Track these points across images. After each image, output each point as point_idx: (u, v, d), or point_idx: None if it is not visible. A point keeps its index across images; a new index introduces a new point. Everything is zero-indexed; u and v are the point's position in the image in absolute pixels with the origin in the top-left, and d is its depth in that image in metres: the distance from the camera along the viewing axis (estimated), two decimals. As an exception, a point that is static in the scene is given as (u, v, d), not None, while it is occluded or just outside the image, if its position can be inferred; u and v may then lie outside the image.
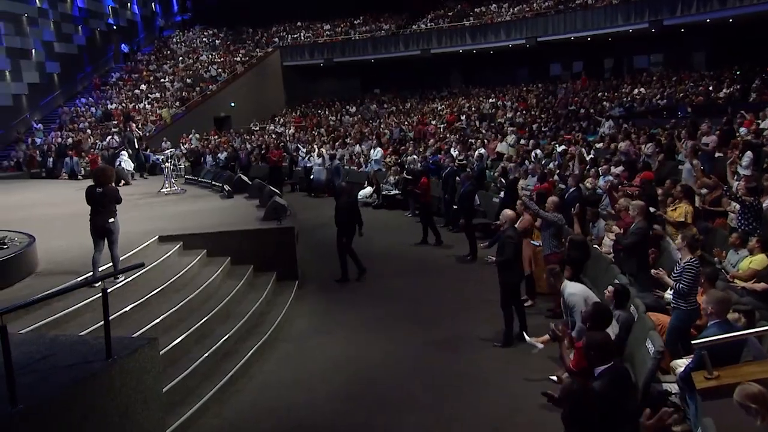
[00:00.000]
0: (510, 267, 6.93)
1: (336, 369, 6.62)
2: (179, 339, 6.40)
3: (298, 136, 24.93)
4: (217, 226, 9.60)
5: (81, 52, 31.41)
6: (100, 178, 7.06)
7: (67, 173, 21.00)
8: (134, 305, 6.70)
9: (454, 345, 7.16)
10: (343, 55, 33.14)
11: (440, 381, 6.27)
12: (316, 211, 15.97)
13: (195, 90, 29.06)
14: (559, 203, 7.81)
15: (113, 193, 7.08)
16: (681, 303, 5.28)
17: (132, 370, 4.58)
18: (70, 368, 4.30)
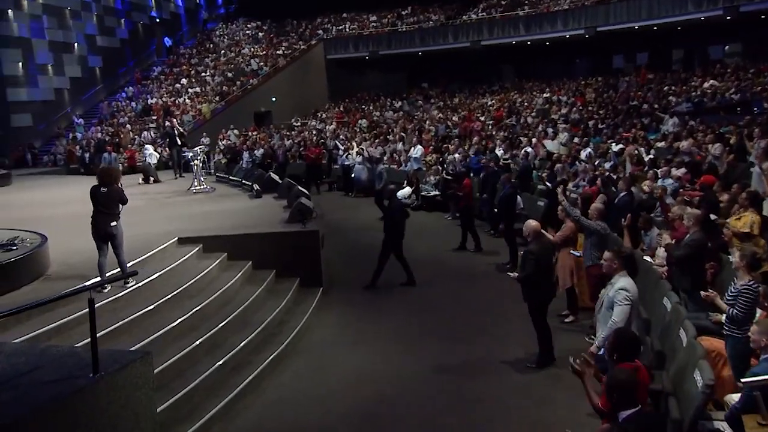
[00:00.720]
0: (533, 285, 6.54)
1: (353, 386, 6.39)
2: (188, 349, 6.29)
3: (338, 132, 24.85)
4: (239, 228, 9.53)
5: (123, 46, 32.30)
6: (105, 178, 7.03)
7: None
8: (143, 312, 6.65)
9: (484, 364, 6.82)
10: (388, 47, 32.96)
11: (464, 404, 5.95)
12: (352, 211, 15.85)
13: (235, 84, 29.41)
14: (603, 210, 7.35)
15: (118, 193, 7.04)
16: (735, 330, 4.81)
17: (121, 387, 4.46)
18: (54, 384, 4.21)
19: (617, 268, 5.07)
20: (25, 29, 25.84)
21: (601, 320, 5.10)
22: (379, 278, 9.51)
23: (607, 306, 5.01)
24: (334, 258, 11.44)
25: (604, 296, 5.15)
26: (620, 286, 4.93)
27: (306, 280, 9.17)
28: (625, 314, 4.82)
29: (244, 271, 8.72)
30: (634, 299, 4.91)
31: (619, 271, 5.07)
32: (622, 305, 4.83)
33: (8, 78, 24.81)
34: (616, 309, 4.86)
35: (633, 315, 4.93)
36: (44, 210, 11.79)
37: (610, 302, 4.96)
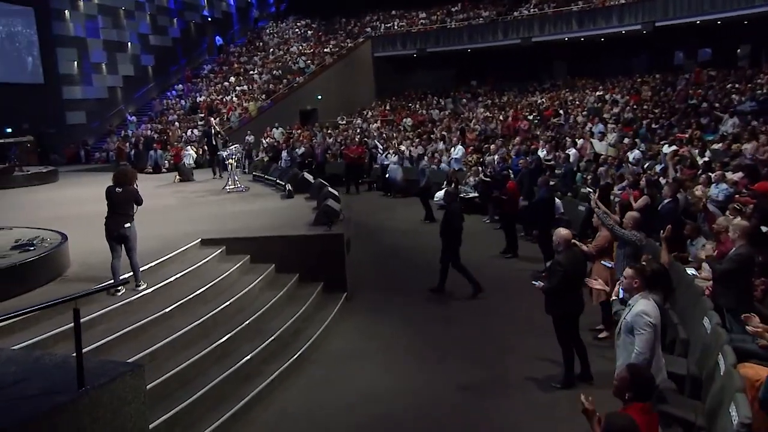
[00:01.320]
0: (559, 297, 6.07)
1: (362, 404, 6.07)
2: (195, 357, 6.12)
3: (382, 130, 24.59)
4: (264, 230, 9.35)
5: (175, 45, 32.91)
6: (120, 178, 6.93)
7: (151, 166, 21.88)
8: (155, 317, 6.51)
9: (507, 382, 6.42)
10: (437, 44, 32.48)
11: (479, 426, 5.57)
12: (388, 212, 15.55)
13: (282, 82, 29.53)
14: (639, 219, 6.78)
15: (133, 194, 6.93)
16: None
17: (107, 402, 4.27)
18: (36, 398, 4.05)
19: (638, 287, 4.56)
20: (81, 29, 26.60)
21: (620, 346, 4.62)
22: (445, 282, 9.21)
23: (625, 331, 4.52)
24: (365, 261, 11.17)
25: (621, 319, 4.66)
26: (640, 309, 4.43)
27: (330, 285, 8.92)
28: (649, 343, 4.33)
29: (266, 274, 8.53)
30: (656, 324, 4.41)
31: (641, 291, 4.56)
32: (644, 333, 4.34)
33: (64, 76, 25.58)
34: (638, 338, 4.36)
35: (656, 343, 4.43)
36: (78, 207, 11.94)
37: (629, 327, 4.47)
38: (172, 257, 8.08)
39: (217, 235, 9.10)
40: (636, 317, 4.40)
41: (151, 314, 6.52)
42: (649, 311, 4.39)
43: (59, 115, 25.02)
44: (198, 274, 7.93)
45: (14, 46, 23.60)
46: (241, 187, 13.35)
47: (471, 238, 12.54)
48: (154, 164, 21.71)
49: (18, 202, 13.17)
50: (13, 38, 23.57)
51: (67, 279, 7.02)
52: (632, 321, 4.42)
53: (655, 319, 4.38)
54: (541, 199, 9.86)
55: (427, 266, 10.64)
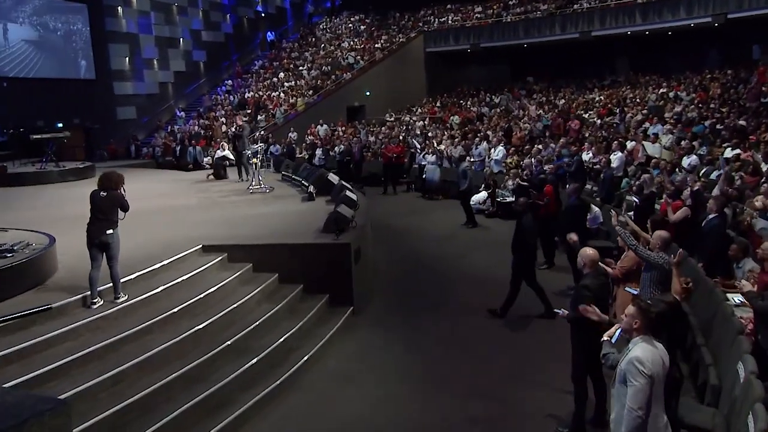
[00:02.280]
0: (585, 328, 5.24)
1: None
2: (164, 381, 5.65)
3: (428, 129, 23.82)
4: (270, 237, 8.85)
5: (227, 40, 33.07)
6: (105, 182, 6.55)
7: (191, 162, 21.88)
8: (130, 333, 6.10)
9: (507, 422, 5.68)
10: (491, 39, 31.41)
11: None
12: (422, 216, 14.86)
13: (330, 78, 29.17)
14: (668, 239, 5.87)
15: (118, 199, 6.53)
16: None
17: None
18: None
19: (638, 328, 3.77)
20: (133, 25, 26.98)
21: (614, 396, 3.84)
22: (511, 307, 8.29)
23: (619, 380, 3.74)
24: (385, 269, 10.59)
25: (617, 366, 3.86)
26: (634, 356, 3.63)
27: (335, 298, 8.37)
28: (643, 397, 3.54)
29: (267, 285, 8.04)
30: (654, 375, 3.60)
31: (640, 334, 3.76)
32: (636, 384, 3.55)
33: (115, 72, 26.01)
34: (630, 390, 3.59)
35: (653, 398, 3.62)
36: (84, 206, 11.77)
37: (623, 376, 3.69)
38: (167, 264, 7.70)
39: (223, 241, 8.68)
40: (629, 365, 3.62)
41: (126, 330, 6.12)
42: (646, 359, 3.60)
43: (110, 110, 25.44)
44: (192, 283, 7.51)
45: (67, 42, 24.12)
46: (265, 187, 12.95)
47: (502, 247, 11.77)
48: (194, 160, 21.67)
49: (38, 198, 13.14)
50: (66, 35, 24.09)
51: (47, 288, 6.69)
52: (625, 369, 3.65)
53: (652, 369, 3.59)
54: (569, 208, 8.96)
55: (455, 278, 10.02)
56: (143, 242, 8.58)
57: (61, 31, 23.92)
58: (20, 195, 13.63)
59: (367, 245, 9.72)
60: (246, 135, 14.38)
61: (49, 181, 15.24)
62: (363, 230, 9.28)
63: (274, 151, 21.25)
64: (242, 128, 14.35)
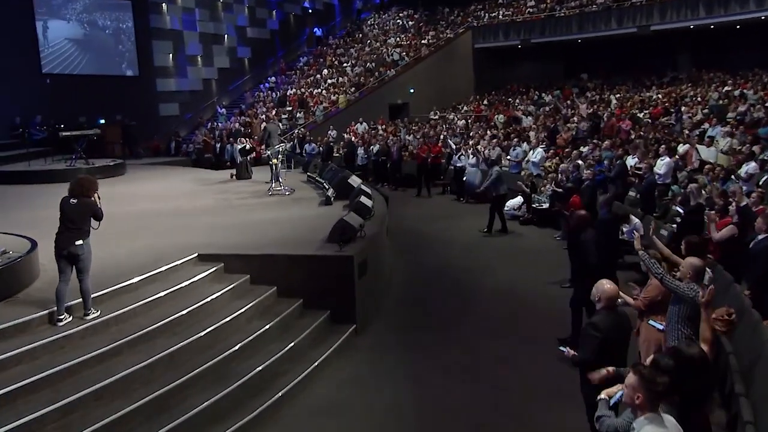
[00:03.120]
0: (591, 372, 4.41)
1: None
2: (120, 413, 5.11)
3: (472, 127, 22.90)
4: (271, 246, 8.27)
5: (273, 37, 32.91)
6: (76, 188, 6.09)
7: (228, 160, 21.66)
8: (95, 354, 5.60)
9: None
10: (542, 34, 30.15)
11: None
12: (453, 221, 14.07)
13: (374, 75, 28.58)
14: (701, 267, 4.94)
15: (90, 207, 6.06)
16: None
17: None
18: None
19: (641, 405, 2.96)
20: (177, 22, 27.06)
21: None
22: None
23: None
24: (401, 280, 9.90)
25: None
26: None
27: (337, 315, 7.73)
28: None
29: (263, 299, 7.47)
30: None
31: (645, 412, 2.95)
32: None
33: (158, 69, 26.12)
34: None
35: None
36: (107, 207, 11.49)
37: None
38: (155, 275, 7.21)
39: (223, 249, 8.16)
40: None
41: (91, 351, 5.63)
42: None
43: (152, 107, 25.58)
44: (179, 297, 7.01)
45: (111, 39, 24.36)
46: (286, 189, 12.42)
47: (534, 259, 10.92)
48: (230, 158, 21.40)
49: (52, 196, 12.92)
50: (110, 32, 24.33)
51: (17, 301, 6.27)
52: None
53: None
54: (599, 223, 8.02)
55: (477, 292, 9.25)
56: (138, 249, 8.18)
57: (106, 28, 24.17)
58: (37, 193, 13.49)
59: (380, 256, 9.05)
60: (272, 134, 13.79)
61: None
62: (373, 240, 8.59)
63: (309, 149, 20.82)
64: (265, 128, 13.72)
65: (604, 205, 8.20)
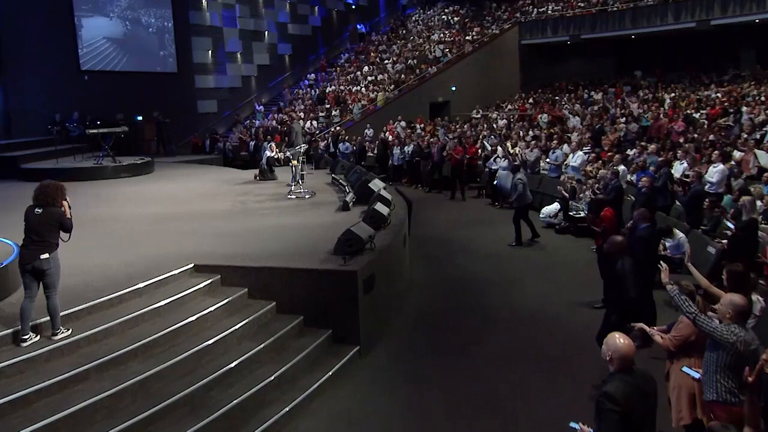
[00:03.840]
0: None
1: None
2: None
3: (514, 127, 21.90)
4: (274, 257, 7.68)
5: (315, 33, 32.50)
6: (40, 196, 5.62)
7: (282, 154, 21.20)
8: (57, 380, 5.10)
9: None
10: (593, 30, 28.80)
11: None
12: (484, 228, 13.25)
13: (415, 72, 27.82)
14: (744, 307, 4.06)
15: (56, 217, 5.57)
16: None
17: None
18: None
19: None
20: (217, 18, 26.90)
21: None
22: None
23: None
24: (419, 295, 9.21)
25: None
26: None
27: (340, 335, 7.08)
28: None
29: (259, 315, 6.90)
30: None
31: None
32: None
33: (197, 65, 26.00)
34: None
35: None
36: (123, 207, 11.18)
37: None
38: (143, 288, 6.72)
39: (222, 259, 7.62)
40: None
41: (53, 376, 5.14)
42: None
43: (191, 104, 25.47)
44: (165, 313, 6.49)
45: (150, 35, 24.32)
46: (306, 192, 11.84)
47: (567, 270, 10.03)
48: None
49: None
50: (149, 28, 24.30)
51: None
52: None
53: None
54: (639, 239, 7.10)
55: (501, 310, 8.50)
56: (134, 258, 7.71)
57: (146, 24, 24.14)
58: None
59: (393, 269, 8.34)
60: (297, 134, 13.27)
61: (102, 177, 15.00)
62: (385, 252, 7.90)
63: (343, 149, 20.25)
64: (291, 127, 13.17)
65: (640, 219, 7.27)
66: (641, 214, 7.17)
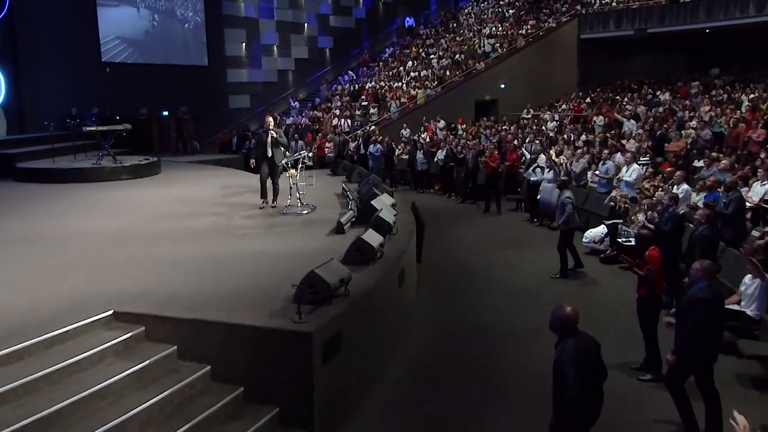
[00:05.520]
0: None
1: None
2: None
3: (566, 130, 19.66)
4: (214, 304, 5.99)
5: (359, 26, 30.92)
6: None
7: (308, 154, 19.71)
8: None
9: None
10: (661, 23, 26.10)
11: None
12: (518, 251, 11.29)
13: (461, 68, 25.80)
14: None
15: None
16: None
17: None
18: None
19: None
20: (253, 9, 25.62)
21: None
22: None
23: None
24: (415, 350, 7.39)
25: None
26: None
27: (288, 414, 5.37)
28: None
29: (184, 386, 5.27)
30: None
31: None
32: None
33: (230, 59, 24.79)
34: None
35: None
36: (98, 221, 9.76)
37: None
38: (34, 345, 5.18)
39: (154, 304, 5.99)
40: None
41: None
42: None
43: (221, 99, 24.28)
44: (52, 384, 4.93)
45: (179, 27, 23.22)
46: (304, 207, 10.15)
47: (608, 317, 7.99)
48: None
49: (47, 204, 11.39)
50: (179, 19, 23.19)
51: None
52: None
53: None
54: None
55: (519, 372, 6.69)
56: (48, 296, 6.18)
57: (174, 14, 23.05)
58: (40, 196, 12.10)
59: (375, 320, 6.54)
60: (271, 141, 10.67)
61: (99, 179, 13.75)
62: (366, 301, 6.14)
63: (373, 151, 18.53)
64: (268, 131, 10.79)
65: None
66: (702, 270, 5.11)
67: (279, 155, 10.42)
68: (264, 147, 10.50)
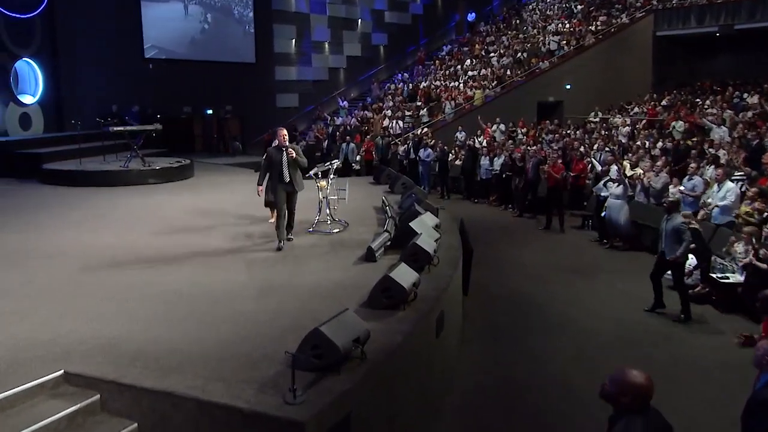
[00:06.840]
0: None
1: None
2: None
3: (639, 136, 17.64)
4: (192, 366, 4.65)
5: (416, 22, 29.41)
6: None
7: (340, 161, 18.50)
8: None
9: None
10: (750, 19, 23.61)
11: None
12: (585, 281, 9.57)
13: (524, 67, 23.94)
14: None
15: None
16: None
17: None
18: None
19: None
20: (304, 4, 24.47)
21: None
22: None
23: None
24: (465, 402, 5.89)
25: None
26: None
27: None
28: None
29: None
30: None
31: None
32: None
33: (278, 55, 23.71)
34: None
35: None
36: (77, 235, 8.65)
37: None
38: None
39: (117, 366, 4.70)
40: None
41: None
42: None
43: (269, 97, 23.21)
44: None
45: (226, 21, 22.25)
46: (335, 225, 8.77)
47: (698, 378, 6.27)
48: (344, 159, 18.14)
49: (63, 213, 10.39)
50: (224, 13, 22.23)
51: None
52: None
53: None
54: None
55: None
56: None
57: (221, 9, 22.11)
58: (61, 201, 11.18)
59: (407, 386, 5.07)
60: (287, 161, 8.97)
61: (125, 183, 12.79)
62: (385, 369, 4.68)
63: (424, 156, 17.02)
64: (282, 146, 8.88)
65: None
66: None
67: (299, 180, 8.03)
68: (279, 168, 7.87)
